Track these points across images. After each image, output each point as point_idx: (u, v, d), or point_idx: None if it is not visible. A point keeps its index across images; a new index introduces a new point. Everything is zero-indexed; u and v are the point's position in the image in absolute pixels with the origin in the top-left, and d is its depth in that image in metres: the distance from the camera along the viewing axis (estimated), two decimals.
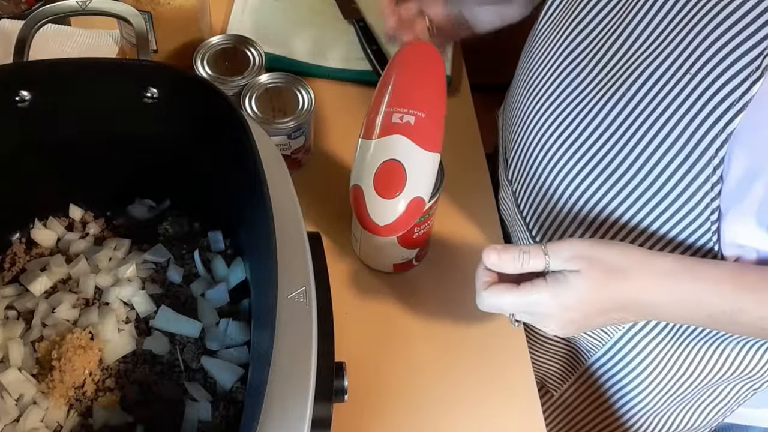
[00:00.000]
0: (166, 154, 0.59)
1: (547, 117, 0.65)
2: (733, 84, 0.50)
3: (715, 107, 0.51)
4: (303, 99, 0.75)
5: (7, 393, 0.53)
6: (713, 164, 0.53)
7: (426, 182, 0.63)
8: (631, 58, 0.58)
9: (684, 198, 0.56)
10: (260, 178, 0.48)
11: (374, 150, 0.62)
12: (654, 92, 0.56)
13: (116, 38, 0.88)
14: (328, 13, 0.96)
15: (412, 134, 0.62)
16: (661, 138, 0.56)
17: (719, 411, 0.73)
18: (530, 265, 0.55)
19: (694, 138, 0.53)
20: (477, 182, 0.82)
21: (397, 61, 0.69)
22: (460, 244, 0.76)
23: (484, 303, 0.56)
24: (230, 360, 0.56)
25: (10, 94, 0.54)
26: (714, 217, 0.55)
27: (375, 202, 0.61)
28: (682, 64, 0.53)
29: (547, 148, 0.65)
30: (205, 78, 0.75)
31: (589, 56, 0.62)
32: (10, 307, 0.58)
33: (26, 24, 0.59)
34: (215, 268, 0.61)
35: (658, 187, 0.57)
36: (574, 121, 0.63)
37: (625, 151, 0.58)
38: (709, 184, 0.54)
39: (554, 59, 0.66)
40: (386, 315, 0.71)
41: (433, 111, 0.65)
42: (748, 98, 0.50)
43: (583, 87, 0.62)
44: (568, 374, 0.77)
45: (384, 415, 0.65)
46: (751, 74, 0.49)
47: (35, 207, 0.63)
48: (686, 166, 0.55)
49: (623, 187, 0.59)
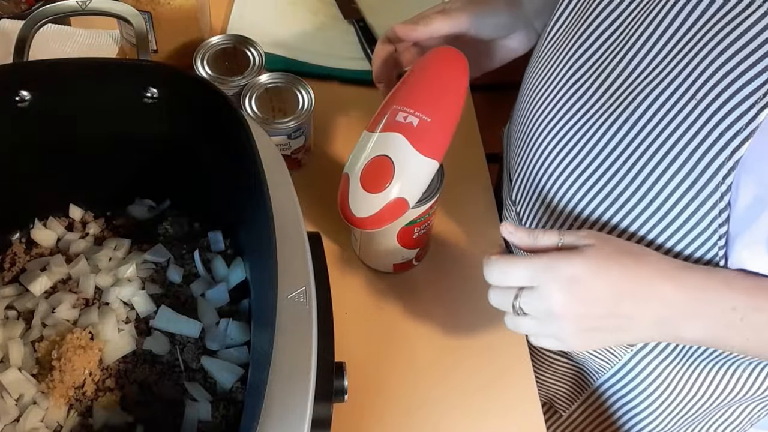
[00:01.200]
0: (166, 154, 0.59)
1: (551, 138, 0.64)
2: (740, 111, 0.49)
3: (722, 134, 0.51)
4: (303, 99, 0.75)
5: (7, 393, 0.53)
6: (721, 191, 0.52)
7: (414, 186, 0.62)
8: (635, 80, 0.57)
9: (692, 223, 0.55)
10: (260, 178, 0.48)
11: (371, 143, 0.62)
12: (659, 117, 0.54)
13: (116, 38, 0.88)
14: (328, 13, 0.96)
15: (411, 136, 0.62)
16: (667, 163, 0.54)
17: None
18: (543, 239, 0.54)
19: (700, 164, 0.52)
20: (477, 182, 0.82)
21: (422, 62, 0.68)
22: (460, 244, 0.76)
23: (493, 268, 0.54)
24: (230, 360, 0.56)
25: (10, 94, 0.54)
26: (722, 242, 0.55)
27: (357, 193, 0.61)
28: (688, 89, 0.52)
29: (551, 170, 0.64)
30: (205, 78, 0.75)
31: (593, 77, 0.61)
32: (10, 307, 0.58)
33: (26, 24, 0.59)
34: (215, 268, 0.61)
35: (665, 212, 0.56)
36: (579, 144, 0.61)
37: (631, 175, 0.57)
38: (716, 210, 0.53)
39: (558, 79, 0.64)
40: (386, 315, 0.71)
41: (441, 118, 0.63)
42: (755, 125, 0.49)
43: (588, 108, 0.61)
44: (576, 395, 0.76)
45: (384, 415, 0.65)
46: (758, 101, 0.48)
47: (35, 207, 0.63)
48: (693, 192, 0.54)
49: (630, 211, 0.58)
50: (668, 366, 0.67)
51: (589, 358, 0.70)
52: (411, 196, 0.62)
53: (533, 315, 0.53)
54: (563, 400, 0.78)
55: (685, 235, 0.56)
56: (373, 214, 0.61)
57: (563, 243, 0.53)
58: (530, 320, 0.53)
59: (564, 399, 0.78)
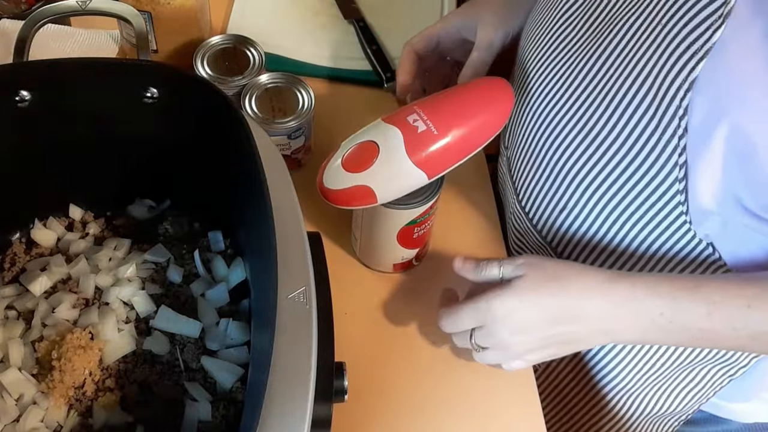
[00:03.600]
0: (166, 154, 0.59)
1: (541, 81, 0.66)
2: (698, 32, 0.52)
3: (680, 56, 0.53)
4: (303, 99, 0.75)
5: (7, 393, 0.53)
6: (678, 115, 0.54)
7: (389, 186, 0.61)
8: (616, 13, 0.59)
9: (653, 153, 0.57)
10: (260, 178, 0.48)
11: (373, 127, 0.63)
12: (630, 45, 0.57)
13: (116, 38, 0.88)
14: (328, 13, 0.96)
15: (409, 138, 0.61)
16: (633, 90, 0.57)
17: (695, 396, 0.74)
18: (487, 272, 0.61)
19: (661, 88, 0.54)
20: (477, 182, 0.82)
21: (469, 82, 0.69)
22: (460, 244, 0.76)
23: (445, 320, 0.62)
24: (230, 360, 0.56)
25: (10, 94, 0.54)
26: (681, 174, 0.56)
27: (335, 164, 0.62)
28: (656, 15, 0.55)
29: (538, 111, 0.66)
30: (205, 78, 0.75)
31: (579, 15, 0.63)
32: (10, 307, 0.58)
33: (26, 24, 0.59)
34: (215, 268, 0.61)
35: (628, 142, 0.58)
36: (561, 79, 0.64)
37: (601, 108, 0.59)
38: (676, 138, 0.55)
39: (549, 25, 0.67)
40: (386, 315, 0.71)
41: (450, 138, 0.62)
42: (709, 45, 0.51)
43: (574, 45, 0.63)
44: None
45: (384, 415, 0.65)
46: (714, 22, 0.51)
47: (35, 207, 0.63)
48: (654, 118, 0.55)
49: (600, 143, 0.60)
50: None
51: None
52: (381, 193, 0.62)
53: (492, 347, 0.61)
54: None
55: (647, 168, 0.58)
56: (336, 189, 0.62)
57: (503, 275, 0.60)
58: (492, 352, 0.61)
59: None
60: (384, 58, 0.88)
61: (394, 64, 0.88)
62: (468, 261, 0.63)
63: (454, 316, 0.61)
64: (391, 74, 0.87)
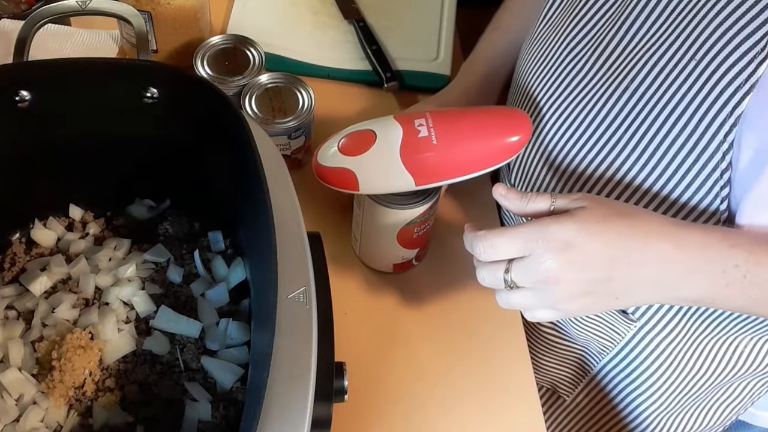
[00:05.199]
0: (166, 154, 0.59)
1: (548, 119, 0.65)
2: (739, 66, 0.50)
3: (722, 91, 0.51)
4: (303, 99, 0.75)
5: (7, 393, 0.53)
6: (722, 150, 0.52)
7: (375, 178, 0.62)
8: (633, 49, 0.57)
9: (693, 188, 0.55)
10: (260, 178, 0.48)
11: (382, 119, 0.64)
12: (659, 82, 0.55)
13: (116, 38, 0.88)
14: (328, 13, 0.96)
15: (408, 139, 0.62)
16: (668, 128, 0.55)
17: (733, 409, 0.72)
18: (535, 202, 0.53)
19: (702, 124, 0.53)
20: (477, 182, 0.82)
21: (496, 110, 0.68)
22: (460, 244, 0.76)
23: (479, 242, 0.53)
24: (230, 360, 0.56)
25: (10, 94, 0.54)
26: (723, 206, 0.55)
27: (331, 144, 0.64)
28: (687, 51, 0.53)
29: (550, 148, 0.65)
30: (205, 78, 0.75)
31: (590, 50, 0.62)
32: (10, 307, 0.58)
33: (26, 24, 0.59)
34: (215, 268, 0.61)
35: (666, 180, 0.56)
36: (580, 116, 0.62)
37: (632, 144, 0.58)
38: (718, 172, 0.53)
39: (557, 56, 0.65)
40: (386, 315, 0.71)
41: (449, 153, 0.61)
42: (754, 80, 0.50)
43: (588, 80, 0.61)
44: (579, 378, 0.76)
45: (384, 415, 0.65)
46: (756, 55, 0.49)
47: (35, 207, 0.63)
48: (695, 154, 0.54)
49: (631, 182, 0.58)
50: (671, 343, 0.66)
51: (592, 338, 0.70)
52: (364, 184, 0.62)
53: (527, 286, 0.51)
54: (567, 385, 0.78)
55: (687, 202, 0.56)
56: (325, 166, 0.64)
57: (555, 207, 0.52)
58: (523, 293, 0.52)
59: (567, 384, 0.78)
60: (384, 58, 0.88)
61: (394, 64, 0.88)
62: (512, 190, 0.55)
63: (496, 239, 0.51)
64: (391, 74, 0.87)
